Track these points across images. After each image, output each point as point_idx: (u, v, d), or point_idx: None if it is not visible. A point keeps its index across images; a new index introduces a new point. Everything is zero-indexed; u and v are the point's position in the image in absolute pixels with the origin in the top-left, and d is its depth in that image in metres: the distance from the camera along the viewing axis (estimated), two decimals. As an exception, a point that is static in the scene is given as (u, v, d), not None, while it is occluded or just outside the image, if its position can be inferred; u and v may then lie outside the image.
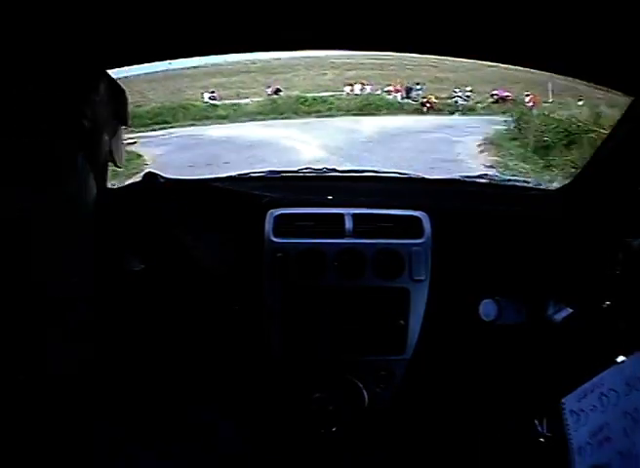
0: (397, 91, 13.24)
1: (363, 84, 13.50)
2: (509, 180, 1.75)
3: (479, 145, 8.82)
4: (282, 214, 1.40)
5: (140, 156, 7.92)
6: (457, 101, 12.30)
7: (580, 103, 8.56)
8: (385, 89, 13.34)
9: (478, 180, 1.70)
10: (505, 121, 9.35)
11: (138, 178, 1.54)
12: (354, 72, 13.91)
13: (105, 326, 1.45)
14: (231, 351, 1.47)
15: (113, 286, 1.43)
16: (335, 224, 1.39)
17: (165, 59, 1.15)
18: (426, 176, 1.80)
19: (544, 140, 7.61)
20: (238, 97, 13.45)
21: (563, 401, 1.03)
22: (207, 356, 1.49)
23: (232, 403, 1.51)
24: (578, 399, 1.02)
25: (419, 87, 12.72)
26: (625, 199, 1.38)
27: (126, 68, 1.14)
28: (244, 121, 11.95)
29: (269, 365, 1.43)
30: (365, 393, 1.38)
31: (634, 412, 0.96)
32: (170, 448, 1.41)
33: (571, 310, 1.40)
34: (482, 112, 11.74)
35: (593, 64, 1.07)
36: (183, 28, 1.02)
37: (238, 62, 14.08)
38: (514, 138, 8.62)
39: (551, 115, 8.48)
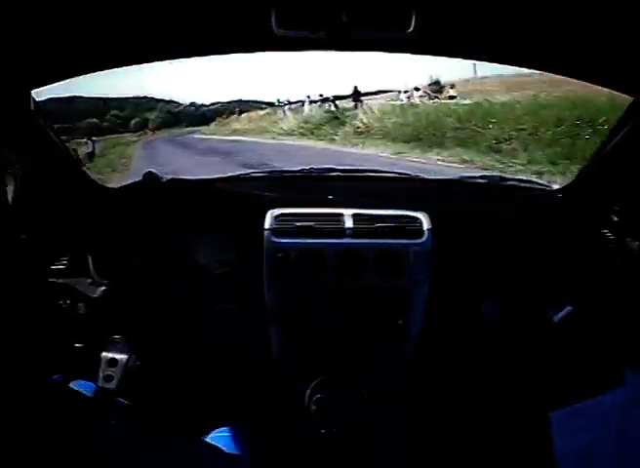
0: None
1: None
2: (510, 180, 1.74)
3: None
4: (282, 214, 1.40)
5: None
6: None
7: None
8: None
9: (478, 181, 1.70)
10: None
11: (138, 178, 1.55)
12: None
13: (106, 324, 1.46)
14: (231, 351, 1.47)
15: (114, 285, 1.44)
16: (335, 224, 1.39)
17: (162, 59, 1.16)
18: (426, 176, 1.80)
19: None
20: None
21: (551, 416, 1.04)
22: (206, 355, 1.49)
23: (232, 402, 1.51)
24: (568, 416, 1.03)
25: None
26: (625, 199, 1.38)
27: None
28: None
29: (269, 365, 1.43)
30: (365, 392, 1.38)
31: (620, 439, 0.97)
32: (169, 448, 1.41)
33: (571, 310, 1.40)
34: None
35: (593, 64, 1.07)
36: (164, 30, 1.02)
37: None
38: None
39: None
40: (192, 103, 15.13)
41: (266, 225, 1.38)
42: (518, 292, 1.44)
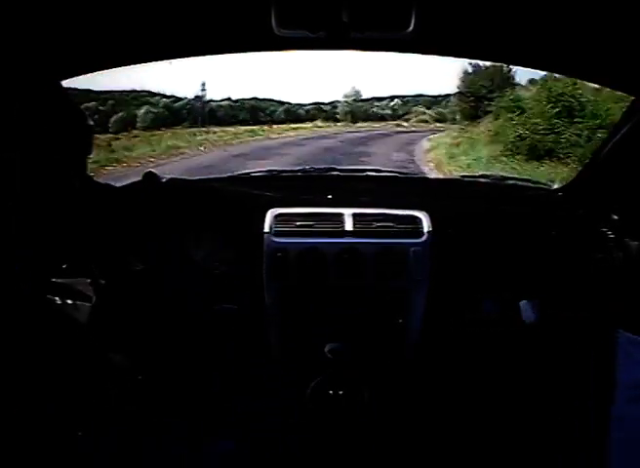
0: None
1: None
2: (509, 180, 1.75)
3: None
4: (282, 214, 1.40)
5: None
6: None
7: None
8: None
9: (478, 180, 1.70)
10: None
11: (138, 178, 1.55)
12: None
13: (107, 323, 1.46)
14: (230, 351, 1.47)
15: (114, 284, 1.44)
16: (334, 224, 1.39)
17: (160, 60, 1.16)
18: (426, 176, 1.80)
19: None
20: None
21: (619, 331, 1.00)
22: (206, 355, 1.49)
23: (231, 402, 1.51)
24: (633, 341, 0.99)
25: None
26: (625, 198, 1.38)
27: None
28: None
29: (269, 365, 1.43)
30: (365, 392, 1.38)
31: None
32: (170, 448, 1.41)
33: (570, 309, 1.40)
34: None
35: (593, 64, 1.07)
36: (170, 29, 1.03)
37: None
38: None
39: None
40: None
41: (266, 225, 1.38)
42: (518, 291, 1.44)
